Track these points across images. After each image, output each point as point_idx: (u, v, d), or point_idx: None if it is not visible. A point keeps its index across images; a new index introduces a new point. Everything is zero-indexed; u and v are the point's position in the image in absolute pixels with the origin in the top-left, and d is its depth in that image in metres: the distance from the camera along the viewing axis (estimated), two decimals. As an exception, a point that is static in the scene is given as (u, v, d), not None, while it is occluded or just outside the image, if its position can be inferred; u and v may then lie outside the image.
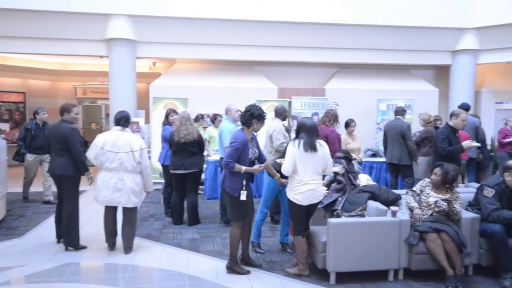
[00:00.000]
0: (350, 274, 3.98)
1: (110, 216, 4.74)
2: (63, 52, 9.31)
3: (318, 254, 4.01)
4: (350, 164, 4.98)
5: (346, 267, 3.94)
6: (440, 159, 5.13)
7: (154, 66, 12.69)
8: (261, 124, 4.17)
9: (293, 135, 4.56)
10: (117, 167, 4.53)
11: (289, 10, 9.03)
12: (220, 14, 8.83)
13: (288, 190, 4.06)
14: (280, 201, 4.89)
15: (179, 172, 5.70)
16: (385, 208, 4.16)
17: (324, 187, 4.46)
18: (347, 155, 5.05)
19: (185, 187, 5.84)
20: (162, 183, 6.89)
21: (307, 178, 3.91)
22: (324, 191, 4.37)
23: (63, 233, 4.77)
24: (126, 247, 4.72)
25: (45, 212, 6.52)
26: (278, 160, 4.49)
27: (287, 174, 4.00)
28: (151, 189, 4.91)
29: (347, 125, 7.08)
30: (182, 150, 5.64)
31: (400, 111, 6.78)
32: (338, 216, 4.36)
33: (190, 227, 5.79)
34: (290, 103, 9.10)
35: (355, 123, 7.09)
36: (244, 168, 3.98)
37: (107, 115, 12.29)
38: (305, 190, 3.90)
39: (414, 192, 4.34)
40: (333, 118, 6.19)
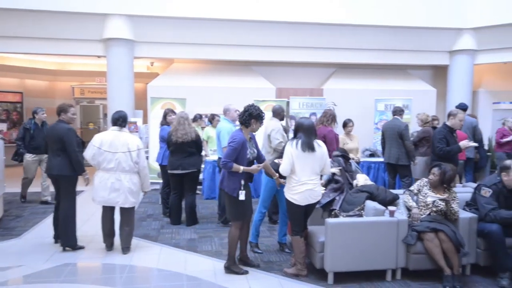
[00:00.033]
0: (348, 274, 3.99)
1: (107, 216, 4.74)
2: (61, 52, 9.29)
3: (316, 254, 4.02)
4: (347, 163, 4.98)
5: (344, 267, 3.95)
6: (438, 159, 5.14)
7: (152, 66, 12.68)
8: (259, 124, 4.18)
9: (291, 135, 4.56)
10: (114, 167, 4.53)
11: (287, 10, 9.05)
12: (218, 14, 8.83)
13: (286, 190, 4.06)
14: (278, 201, 4.90)
15: (177, 172, 5.69)
16: (383, 208, 4.17)
17: (322, 187, 4.47)
18: (344, 154, 5.06)
19: (183, 187, 5.84)
20: (160, 183, 6.88)
21: (305, 178, 3.91)
22: (322, 191, 4.37)
23: (60, 233, 4.77)
24: (124, 247, 4.71)
25: (42, 213, 6.51)
26: (276, 160, 4.49)
27: (285, 174, 4.00)
28: (149, 189, 4.91)
29: (345, 125, 7.10)
30: (180, 150, 5.63)
31: (398, 111, 6.80)
32: (336, 216, 4.36)
33: (188, 227, 5.79)
34: (288, 103, 9.10)
35: (352, 123, 7.11)
36: (242, 168, 3.98)
37: (105, 115, 12.27)
38: (303, 190, 3.90)
39: (411, 192, 4.35)
40: (331, 118, 6.22)
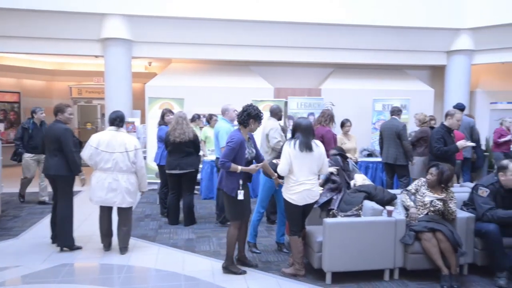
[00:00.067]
0: (346, 273, 3.99)
1: (105, 217, 4.73)
2: (58, 52, 9.26)
3: (314, 254, 4.02)
4: (345, 162, 4.98)
5: (342, 267, 3.95)
6: (436, 159, 5.15)
7: (149, 66, 12.65)
8: (258, 124, 4.18)
9: (289, 135, 4.56)
10: (111, 167, 4.52)
11: (284, 10, 9.04)
12: (216, 14, 8.82)
13: (284, 190, 4.06)
14: (276, 201, 4.90)
15: (175, 172, 5.68)
16: (380, 208, 4.17)
17: (320, 187, 4.47)
18: (341, 152, 5.06)
19: (181, 187, 5.83)
20: (158, 183, 6.87)
21: (303, 178, 3.92)
22: (320, 191, 4.37)
23: (58, 233, 4.75)
24: (122, 247, 4.71)
25: (40, 213, 6.49)
26: (274, 160, 4.49)
27: (283, 174, 4.00)
28: (146, 189, 4.90)
29: (343, 125, 7.10)
30: (178, 150, 5.63)
31: (395, 111, 6.81)
32: (334, 216, 4.37)
33: (186, 227, 5.78)
34: (286, 103, 9.11)
35: (350, 123, 7.11)
36: (240, 167, 3.98)
37: (103, 115, 12.25)
38: (301, 190, 3.90)
39: (409, 192, 4.36)
40: (329, 118, 6.23)
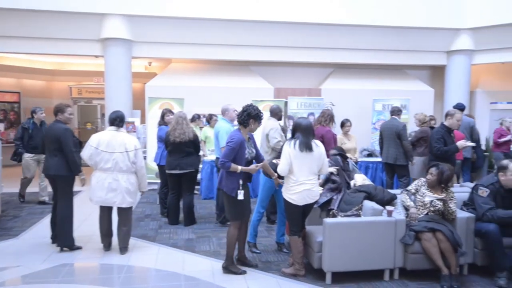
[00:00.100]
0: (346, 273, 3.99)
1: (105, 217, 4.73)
2: (58, 52, 9.26)
3: (314, 254, 4.02)
4: (345, 162, 4.98)
5: (342, 266, 3.95)
6: (436, 159, 5.15)
7: (149, 66, 12.66)
8: (258, 124, 4.18)
9: (289, 135, 4.56)
10: (111, 167, 4.52)
11: (284, 10, 9.04)
12: (216, 14, 8.82)
13: (284, 190, 4.06)
14: (276, 201, 4.90)
15: (175, 172, 5.68)
16: (380, 208, 4.17)
17: (320, 187, 4.47)
18: (341, 152, 5.06)
19: (181, 187, 5.83)
20: (158, 183, 6.87)
21: (303, 178, 3.91)
22: (320, 191, 4.37)
23: (58, 233, 4.75)
24: (122, 247, 4.71)
25: (40, 213, 6.49)
26: (274, 160, 4.49)
27: (283, 174, 4.00)
28: (146, 189, 4.90)
29: (342, 124, 7.10)
30: (178, 150, 5.63)
31: (395, 111, 6.81)
32: (334, 216, 4.37)
33: (186, 227, 5.78)
34: (286, 103, 9.10)
35: (350, 123, 7.11)
36: (240, 167, 3.98)
37: (103, 115, 12.25)
38: (301, 190, 3.90)
39: (409, 192, 4.36)
40: (329, 118, 6.23)
